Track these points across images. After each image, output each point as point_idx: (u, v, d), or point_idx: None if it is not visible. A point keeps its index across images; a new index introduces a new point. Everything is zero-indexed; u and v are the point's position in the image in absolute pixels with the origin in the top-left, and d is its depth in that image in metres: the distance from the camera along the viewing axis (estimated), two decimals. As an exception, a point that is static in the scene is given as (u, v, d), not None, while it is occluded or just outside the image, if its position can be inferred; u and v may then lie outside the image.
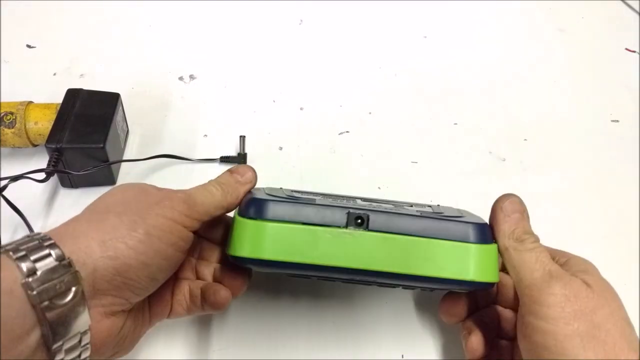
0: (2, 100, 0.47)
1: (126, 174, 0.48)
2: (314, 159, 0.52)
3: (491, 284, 0.33)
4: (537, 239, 0.33)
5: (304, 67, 0.60)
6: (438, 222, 0.32)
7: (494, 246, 0.33)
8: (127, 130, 0.52)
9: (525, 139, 0.55)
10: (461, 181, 0.50)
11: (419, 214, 0.33)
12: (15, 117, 0.45)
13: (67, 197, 0.46)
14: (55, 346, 0.26)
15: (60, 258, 0.27)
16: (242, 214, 0.33)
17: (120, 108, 0.49)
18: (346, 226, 0.32)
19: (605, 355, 0.28)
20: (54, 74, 0.57)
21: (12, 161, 0.48)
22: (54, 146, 0.43)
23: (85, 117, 0.45)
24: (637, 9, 0.70)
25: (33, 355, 0.26)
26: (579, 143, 0.55)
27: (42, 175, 0.43)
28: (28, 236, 0.28)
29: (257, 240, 0.32)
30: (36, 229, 0.43)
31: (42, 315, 0.25)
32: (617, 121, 0.57)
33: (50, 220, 0.45)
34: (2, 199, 0.42)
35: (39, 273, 0.26)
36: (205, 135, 0.52)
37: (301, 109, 0.56)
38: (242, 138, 0.50)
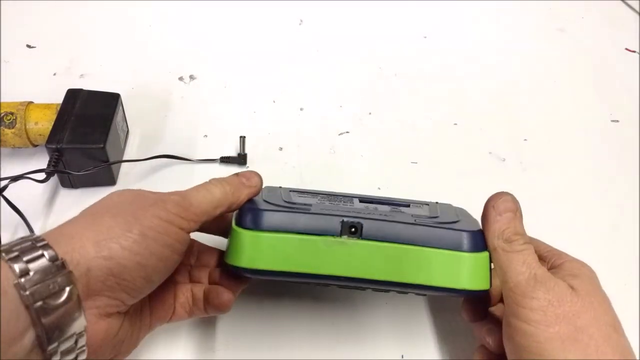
0: (2, 101, 0.47)
1: (126, 174, 0.48)
2: (314, 160, 0.52)
3: (484, 291, 0.33)
4: (527, 240, 0.33)
5: (304, 67, 0.60)
6: (431, 229, 0.32)
7: (486, 254, 0.33)
8: (127, 131, 0.52)
9: (525, 139, 0.55)
10: (461, 181, 0.50)
11: (413, 220, 0.33)
12: (16, 117, 0.45)
13: (67, 197, 0.46)
14: (50, 348, 0.26)
15: (54, 259, 0.26)
16: (238, 223, 0.33)
17: (121, 108, 0.49)
18: (340, 235, 0.32)
19: (586, 357, 0.28)
20: (54, 74, 0.57)
21: (12, 161, 0.48)
22: (54, 146, 0.43)
23: (86, 117, 0.45)
24: (637, 9, 0.70)
25: (28, 356, 0.25)
26: (579, 143, 0.55)
27: (42, 176, 0.43)
28: (22, 238, 0.27)
29: (253, 251, 0.32)
30: (36, 229, 0.43)
31: (35, 317, 0.25)
32: (617, 121, 0.57)
33: (50, 220, 0.45)
34: (2, 199, 0.42)
35: (31, 274, 0.25)
36: (206, 136, 0.52)
37: (301, 109, 0.56)
38: (242, 139, 0.50)
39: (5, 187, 0.42)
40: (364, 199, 0.38)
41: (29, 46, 0.59)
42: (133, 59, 0.59)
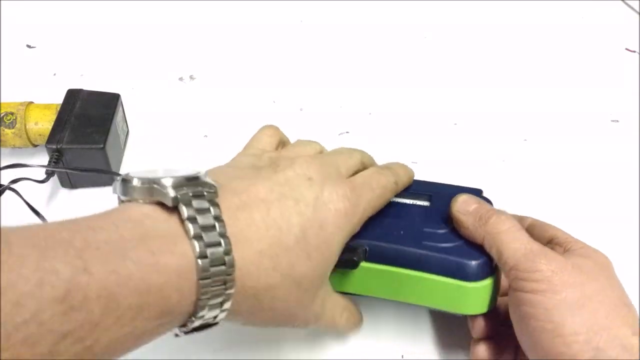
0: (2, 101, 0.47)
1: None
2: (314, 159, 0.51)
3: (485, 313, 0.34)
4: (507, 215, 0.33)
5: (304, 67, 0.60)
6: (436, 256, 0.33)
7: (490, 280, 0.33)
8: (127, 131, 0.52)
9: (525, 139, 0.55)
10: (461, 181, 0.50)
11: (420, 242, 0.33)
12: (16, 117, 0.45)
13: (66, 197, 0.46)
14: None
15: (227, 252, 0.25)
16: None
17: (121, 108, 0.49)
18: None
19: (594, 323, 0.28)
20: (54, 74, 0.57)
21: (12, 161, 0.48)
22: (54, 146, 0.43)
23: (86, 117, 0.45)
24: (637, 9, 0.70)
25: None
26: (579, 143, 0.55)
27: (42, 176, 0.43)
28: (199, 195, 0.25)
29: None
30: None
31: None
32: (617, 121, 0.57)
33: (49, 221, 0.45)
34: (1, 199, 0.42)
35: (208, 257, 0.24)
36: (206, 136, 0.52)
37: (301, 109, 0.56)
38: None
39: (5, 188, 0.42)
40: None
41: (29, 46, 0.59)
42: (133, 59, 0.59)
